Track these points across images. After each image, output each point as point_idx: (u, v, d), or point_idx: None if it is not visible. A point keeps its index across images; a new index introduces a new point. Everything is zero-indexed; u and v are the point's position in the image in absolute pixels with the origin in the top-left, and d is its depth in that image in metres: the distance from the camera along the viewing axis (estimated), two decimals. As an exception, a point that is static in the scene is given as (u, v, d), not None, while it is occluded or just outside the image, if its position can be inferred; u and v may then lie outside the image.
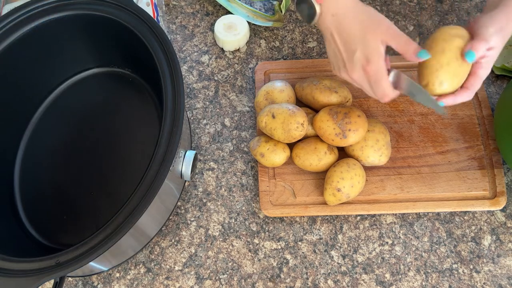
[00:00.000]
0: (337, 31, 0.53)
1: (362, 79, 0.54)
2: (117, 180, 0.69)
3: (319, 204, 0.67)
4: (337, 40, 0.53)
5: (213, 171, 0.73)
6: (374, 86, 0.53)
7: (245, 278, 0.65)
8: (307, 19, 0.56)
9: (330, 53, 0.57)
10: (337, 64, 0.56)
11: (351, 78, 0.55)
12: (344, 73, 0.56)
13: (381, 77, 0.52)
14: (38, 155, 0.72)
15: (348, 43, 0.52)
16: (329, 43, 0.56)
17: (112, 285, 0.66)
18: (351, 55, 0.52)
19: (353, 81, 0.56)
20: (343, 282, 0.64)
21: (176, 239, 0.68)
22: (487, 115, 0.72)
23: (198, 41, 0.84)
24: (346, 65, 0.54)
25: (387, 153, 0.67)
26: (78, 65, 0.76)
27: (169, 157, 0.55)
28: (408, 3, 0.85)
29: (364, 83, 0.54)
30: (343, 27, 0.52)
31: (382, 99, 0.55)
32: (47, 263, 0.52)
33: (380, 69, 0.52)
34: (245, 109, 0.77)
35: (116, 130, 0.72)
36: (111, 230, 0.52)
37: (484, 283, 0.63)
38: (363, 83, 0.55)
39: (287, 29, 0.84)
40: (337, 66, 0.57)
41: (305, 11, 0.55)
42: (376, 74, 0.52)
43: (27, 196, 0.70)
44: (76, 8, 0.66)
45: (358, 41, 0.52)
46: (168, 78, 0.59)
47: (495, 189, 0.67)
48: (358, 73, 0.53)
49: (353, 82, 0.57)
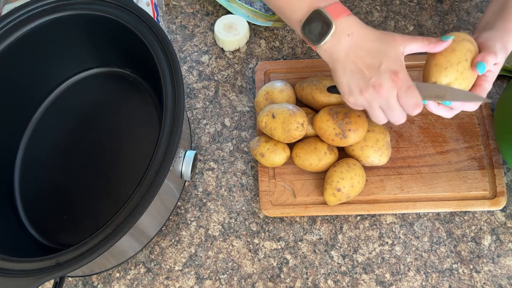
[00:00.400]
0: (354, 49, 0.52)
1: (392, 91, 0.51)
2: (117, 180, 0.69)
3: (319, 204, 0.67)
4: (356, 60, 0.52)
5: (213, 171, 0.73)
6: (406, 96, 0.51)
7: (245, 278, 0.65)
8: (317, 39, 0.53)
9: (345, 77, 0.53)
10: (357, 85, 0.52)
11: (378, 94, 0.51)
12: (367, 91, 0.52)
13: (410, 84, 0.51)
14: (38, 155, 0.72)
15: (370, 58, 0.51)
16: (343, 65, 0.53)
17: (112, 285, 0.66)
18: (377, 69, 0.50)
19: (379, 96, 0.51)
20: (343, 282, 0.64)
21: (176, 239, 0.68)
22: (487, 115, 0.72)
23: (198, 41, 0.84)
24: (372, 81, 0.51)
25: (387, 153, 0.67)
26: (78, 65, 0.76)
27: (169, 157, 0.55)
28: (408, 3, 0.85)
29: (391, 97, 0.51)
30: (362, 45, 0.51)
31: (412, 112, 0.52)
32: (47, 263, 0.52)
33: (408, 77, 0.51)
34: (245, 109, 0.77)
35: (116, 130, 0.72)
36: (111, 230, 0.52)
37: (484, 283, 0.63)
38: (390, 97, 0.51)
39: (287, 29, 0.84)
40: (356, 87, 0.52)
41: (316, 30, 0.52)
42: (406, 82, 0.51)
43: (27, 196, 0.70)
44: (76, 8, 0.66)
45: (381, 55, 0.51)
46: (168, 78, 0.59)
47: (495, 189, 0.67)
48: (386, 85, 0.50)
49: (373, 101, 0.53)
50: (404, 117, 0.54)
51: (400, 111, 0.53)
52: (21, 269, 0.52)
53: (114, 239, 0.51)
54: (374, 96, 0.52)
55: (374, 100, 0.53)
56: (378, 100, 0.52)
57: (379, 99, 0.52)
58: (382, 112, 0.54)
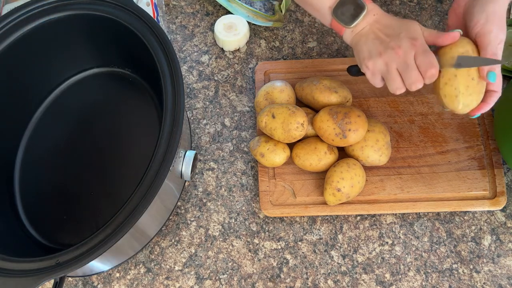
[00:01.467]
0: (377, 25, 0.58)
1: (409, 51, 0.54)
2: (117, 180, 0.69)
3: (319, 204, 0.67)
4: (377, 32, 0.57)
5: (213, 171, 0.73)
6: (423, 55, 0.54)
7: (245, 278, 0.65)
8: (349, 20, 0.58)
9: (366, 45, 0.58)
10: (377, 50, 0.56)
11: (396, 54, 0.55)
12: (386, 53, 0.55)
13: (428, 48, 0.54)
14: (38, 155, 0.72)
15: (391, 31, 0.56)
16: (365, 37, 0.58)
17: (112, 285, 0.66)
18: (396, 36, 0.55)
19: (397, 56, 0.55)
20: (343, 282, 0.64)
21: (176, 239, 0.68)
22: (487, 115, 0.72)
23: (198, 41, 0.84)
24: (390, 43, 0.55)
25: (387, 153, 0.67)
26: (78, 65, 0.76)
27: (169, 157, 0.55)
28: (408, 3, 0.85)
29: (409, 57, 0.54)
30: (384, 21, 0.58)
31: (428, 71, 0.54)
32: (47, 263, 0.52)
33: (425, 44, 0.55)
34: (245, 109, 0.77)
35: (116, 130, 0.72)
36: (111, 230, 0.52)
37: (484, 283, 0.63)
38: (407, 57, 0.54)
39: (287, 29, 0.84)
40: (376, 51, 0.56)
41: (348, 12, 0.58)
42: (423, 46, 0.54)
43: (27, 196, 0.70)
44: (76, 8, 0.66)
45: (401, 28, 0.56)
46: (168, 78, 0.59)
47: (495, 189, 0.67)
48: (405, 45, 0.54)
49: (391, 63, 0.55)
50: (421, 80, 0.55)
51: (417, 72, 0.55)
52: (21, 269, 0.52)
53: (114, 239, 0.51)
54: (392, 57, 0.55)
55: (392, 62, 0.55)
56: (396, 61, 0.55)
57: (397, 59, 0.55)
58: (399, 76, 0.56)
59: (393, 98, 0.74)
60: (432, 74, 0.54)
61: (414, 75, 0.54)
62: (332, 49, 0.82)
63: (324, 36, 0.83)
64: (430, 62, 0.53)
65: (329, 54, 0.81)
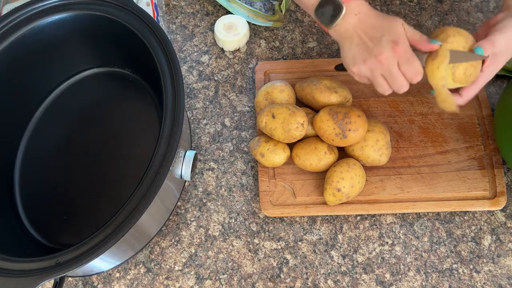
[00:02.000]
0: (360, 26, 0.56)
1: (392, 60, 0.54)
2: (117, 180, 0.69)
3: (319, 204, 0.67)
4: (361, 34, 0.56)
5: (213, 171, 0.73)
6: (406, 65, 0.54)
7: (245, 278, 0.65)
8: (329, 21, 0.57)
9: (351, 50, 0.57)
10: (361, 56, 0.56)
11: (379, 62, 0.55)
12: (369, 60, 0.55)
13: (411, 54, 0.54)
14: (38, 155, 0.72)
15: (374, 32, 0.55)
16: (349, 40, 0.57)
17: (112, 285, 0.66)
18: (378, 40, 0.54)
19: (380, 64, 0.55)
20: (343, 282, 0.64)
21: (176, 239, 0.68)
22: (487, 115, 0.72)
23: (198, 41, 0.84)
24: (373, 50, 0.54)
25: (387, 153, 0.67)
26: (78, 65, 0.76)
27: (169, 157, 0.55)
28: (408, 3, 0.85)
29: (392, 65, 0.54)
30: (367, 22, 0.56)
31: (413, 79, 0.55)
32: (47, 263, 0.52)
33: (409, 48, 0.54)
34: (245, 109, 0.77)
35: (116, 130, 0.72)
36: (111, 230, 0.52)
37: (484, 283, 0.63)
38: (391, 65, 0.54)
39: (287, 29, 0.84)
40: (360, 57, 0.56)
41: (327, 13, 0.57)
42: (406, 52, 0.54)
43: (27, 196, 0.70)
44: (76, 8, 0.66)
45: (383, 29, 0.55)
46: (168, 78, 0.59)
47: (495, 189, 0.67)
48: (387, 53, 0.54)
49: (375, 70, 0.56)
50: (407, 86, 0.56)
51: (402, 79, 0.55)
52: (21, 269, 0.52)
53: (114, 239, 0.51)
54: (376, 65, 0.55)
55: (376, 69, 0.56)
56: (380, 69, 0.55)
57: (381, 67, 0.55)
58: (385, 81, 0.57)
59: (393, 98, 0.74)
60: (418, 80, 0.55)
61: (399, 82, 0.56)
62: (332, 49, 0.82)
63: (324, 36, 0.83)
64: (414, 72, 0.54)
65: (329, 54, 0.81)
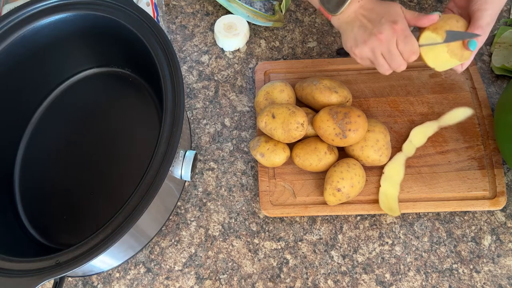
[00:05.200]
0: (362, 11, 0.60)
1: (391, 38, 0.57)
2: (117, 180, 0.69)
3: (319, 204, 0.67)
4: (361, 18, 0.59)
5: (213, 171, 0.73)
6: (404, 42, 0.57)
7: (245, 278, 0.65)
8: (335, 9, 0.60)
9: (352, 32, 0.60)
10: (362, 37, 0.59)
11: (379, 41, 0.57)
12: (370, 40, 0.58)
13: (409, 33, 0.57)
14: (38, 155, 0.72)
15: (374, 15, 0.59)
16: (351, 24, 0.60)
17: (112, 285, 0.66)
18: (378, 21, 0.58)
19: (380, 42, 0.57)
20: (343, 282, 0.64)
21: (176, 239, 0.68)
22: (487, 115, 0.72)
23: (198, 41, 0.84)
24: (373, 30, 0.57)
25: (387, 153, 0.67)
26: (78, 65, 0.76)
27: (169, 157, 0.55)
28: (408, 3, 0.85)
29: (391, 43, 0.57)
30: (369, 7, 0.60)
31: (409, 58, 0.58)
32: (47, 263, 0.52)
33: (407, 27, 0.57)
34: (245, 109, 0.77)
35: (116, 130, 0.72)
36: (111, 230, 0.52)
37: (484, 283, 0.63)
38: (390, 43, 0.57)
39: (287, 29, 0.84)
40: (361, 38, 0.59)
41: (333, 1, 0.60)
42: (404, 31, 0.57)
43: (27, 196, 0.70)
44: (76, 8, 0.66)
45: (382, 12, 0.58)
46: (168, 78, 0.59)
47: (495, 189, 0.67)
48: (386, 32, 0.57)
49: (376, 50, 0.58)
50: (404, 65, 0.60)
51: (400, 58, 0.59)
52: (21, 269, 0.52)
53: (114, 239, 0.51)
54: (376, 44, 0.58)
55: (376, 48, 0.58)
56: (380, 48, 0.58)
57: (381, 46, 0.58)
58: (385, 60, 0.60)
59: (393, 98, 0.74)
60: (414, 59, 0.58)
61: (397, 60, 0.59)
62: (332, 49, 0.82)
63: (324, 36, 0.83)
64: (410, 50, 0.57)
65: (329, 54, 0.81)
